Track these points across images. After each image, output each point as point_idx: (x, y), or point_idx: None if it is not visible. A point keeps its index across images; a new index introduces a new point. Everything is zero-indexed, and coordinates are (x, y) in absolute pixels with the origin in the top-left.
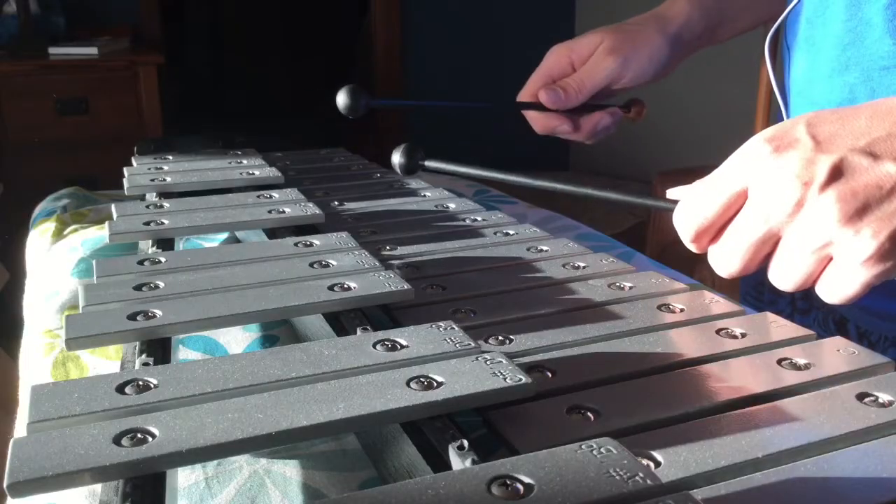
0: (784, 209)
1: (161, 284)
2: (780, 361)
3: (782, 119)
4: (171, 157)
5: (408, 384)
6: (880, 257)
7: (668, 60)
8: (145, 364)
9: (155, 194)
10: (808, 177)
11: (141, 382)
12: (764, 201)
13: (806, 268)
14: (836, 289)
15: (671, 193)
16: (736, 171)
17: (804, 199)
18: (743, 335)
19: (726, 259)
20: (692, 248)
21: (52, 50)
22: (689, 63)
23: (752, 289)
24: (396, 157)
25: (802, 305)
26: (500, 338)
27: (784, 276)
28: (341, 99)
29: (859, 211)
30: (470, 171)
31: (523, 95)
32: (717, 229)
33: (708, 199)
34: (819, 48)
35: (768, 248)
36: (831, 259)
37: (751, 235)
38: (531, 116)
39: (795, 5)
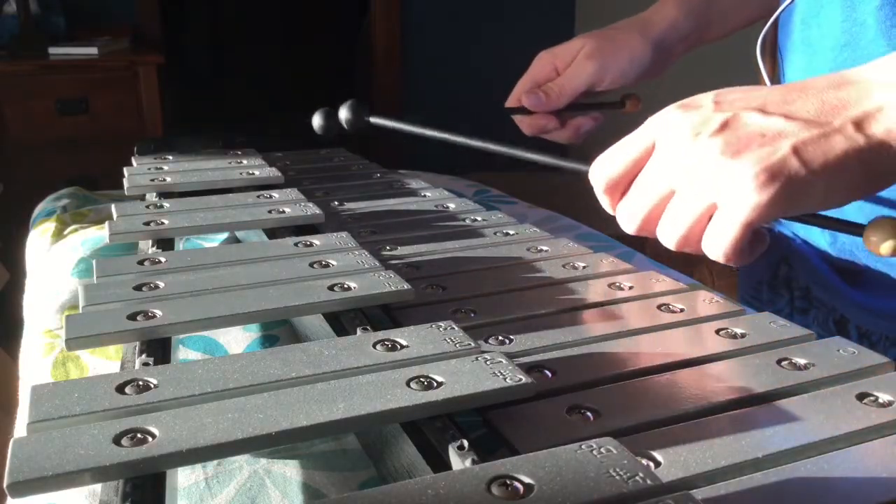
0: (677, 157)
1: (161, 284)
2: (780, 361)
3: None
4: (171, 157)
5: (408, 384)
6: (759, 186)
7: (652, 63)
8: (145, 364)
9: (155, 194)
10: (701, 128)
11: (141, 382)
12: (663, 152)
13: (691, 215)
14: (720, 236)
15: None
16: (646, 129)
17: (694, 147)
18: (743, 335)
19: (630, 213)
20: (604, 202)
21: (52, 50)
22: (689, 63)
23: (751, 288)
24: (343, 113)
25: (801, 304)
26: (500, 338)
27: (670, 228)
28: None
29: (739, 150)
30: (413, 129)
31: (511, 100)
32: (626, 183)
33: (619, 153)
34: (815, 49)
35: (666, 203)
36: (715, 208)
37: (651, 187)
38: (519, 120)
39: (788, 6)
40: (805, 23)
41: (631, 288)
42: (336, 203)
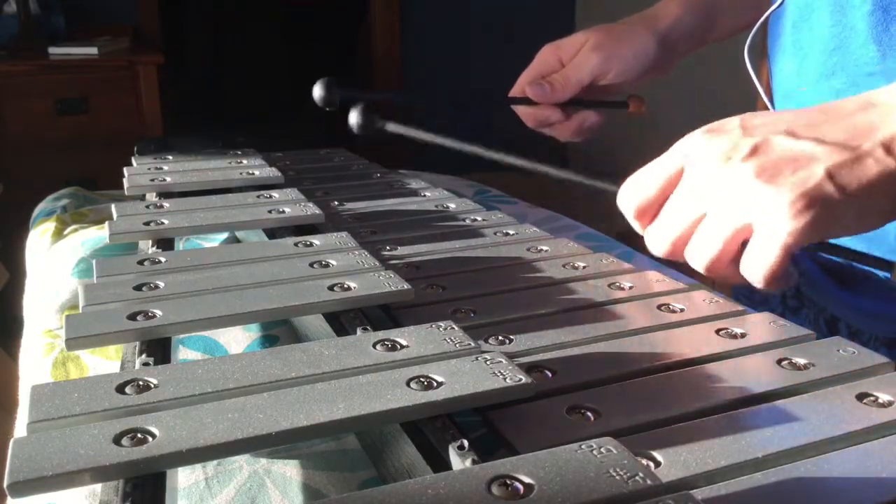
0: (708, 181)
1: (161, 284)
2: (780, 361)
3: None
4: (171, 157)
5: (408, 384)
6: (797, 212)
7: (656, 58)
8: (145, 364)
9: (155, 194)
10: (732, 153)
11: (141, 382)
12: (693, 177)
13: (722, 237)
14: (758, 260)
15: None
16: (674, 154)
17: (726, 171)
18: (743, 335)
19: (659, 237)
20: (635, 226)
21: (52, 50)
22: (689, 63)
23: (745, 287)
24: (354, 118)
25: (793, 304)
26: (500, 338)
27: (700, 250)
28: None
29: (774, 175)
30: (428, 137)
31: (514, 91)
32: (656, 207)
33: (648, 177)
34: (806, 53)
35: (696, 226)
36: (749, 231)
37: (681, 212)
38: (521, 111)
39: (776, 9)
40: (795, 26)
41: (631, 288)
42: (336, 203)
